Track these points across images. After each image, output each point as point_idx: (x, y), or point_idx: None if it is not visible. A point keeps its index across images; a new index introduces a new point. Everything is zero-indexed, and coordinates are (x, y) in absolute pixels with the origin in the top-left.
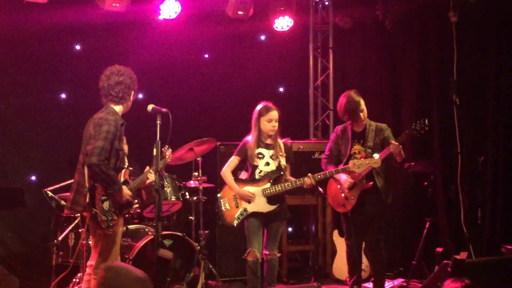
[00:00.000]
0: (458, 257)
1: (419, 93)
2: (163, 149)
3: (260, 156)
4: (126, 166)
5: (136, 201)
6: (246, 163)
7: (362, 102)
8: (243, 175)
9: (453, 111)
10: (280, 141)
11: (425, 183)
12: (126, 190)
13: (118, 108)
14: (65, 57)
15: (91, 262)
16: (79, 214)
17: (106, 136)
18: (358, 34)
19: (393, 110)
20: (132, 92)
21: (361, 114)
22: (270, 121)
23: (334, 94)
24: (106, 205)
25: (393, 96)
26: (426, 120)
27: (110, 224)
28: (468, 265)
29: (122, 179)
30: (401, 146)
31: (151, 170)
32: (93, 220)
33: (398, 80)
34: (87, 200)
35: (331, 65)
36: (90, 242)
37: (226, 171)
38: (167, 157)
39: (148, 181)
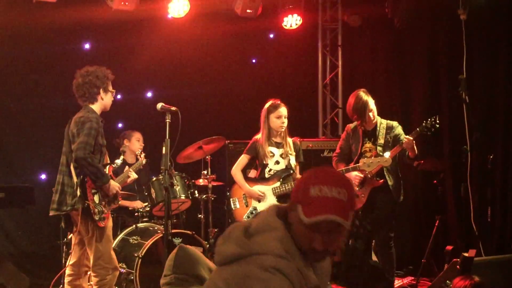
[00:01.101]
0: (467, 254)
1: (428, 91)
2: (137, 153)
3: (270, 154)
4: (109, 163)
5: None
6: (255, 162)
7: (370, 102)
8: (252, 173)
9: (463, 109)
10: (290, 140)
11: (435, 181)
12: (114, 183)
13: (95, 107)
14: (74, 56)
15: (72, 260)
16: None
17: (89, 132)
18: (367, 32)
19: (403, 108)
20: (101, 90)
21: (370, 114)
22: (279, 117)
23: (343, 92)
24: (96, 198)
25: (402, 94)
26: (437, 118)
27: (101, 217)
28: (478, 263)
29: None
30: (414, 141)
31: (131, 169)
32: (85, 214)
33: (407, 78)
34: (78, 194)
35: (340, 63)
36: (72, 242)
37: (236, 170)
38: (141, 160)
39: (129, 180)
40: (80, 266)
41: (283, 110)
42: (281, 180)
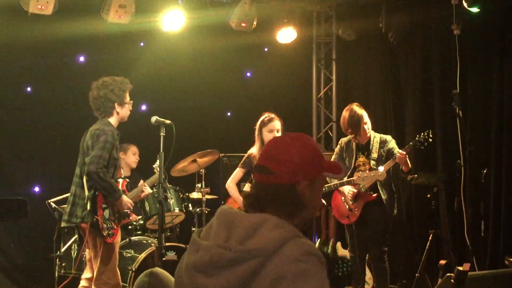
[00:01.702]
0: (461, 268)
1: (422, 105)
2: (154, 166)
3: None
4: (123, 177)
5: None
6: (250, 175)
7: (365, 115)
8: (247, 187)
9: (456, 124)
10: None
11: (428, 196)
12: (126, 198)
13: (111, 120)
14: (69, 68)
15: (87, 275)
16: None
17: (104, 145)
18: (361, 46)
19: (396, 122)
20: (116, 104)
21: (365, 127)
22: (271, 131)
23: (337, 106)
24: (106, 213)
25: (396, 108)
26: (430, 132)
27: (110, 233)
28: (472, 277)
29: (120, 190)
30: (407, 155)
31: (145, 184)
32: (94, 228)
33: (401, 93)
34: (88, 208)
35: (334, 77)
36: (85, 254)
37: (231, 184)
38: (156, 174)
39: (142, 195)
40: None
41: (276, 124)
42: None
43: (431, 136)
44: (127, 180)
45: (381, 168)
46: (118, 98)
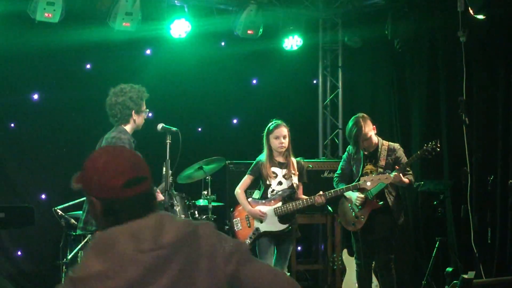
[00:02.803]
0: (466, 276)
1: (428, 112)
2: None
3: (273, 175)
4: None
5: None
6: (259, 182)
7: (368, 127)
8: (256, 194)
9: (462, 131)
10: (294, 160)
11: (435, 203)
12: None
13: (127, 127)
14: (75, 76)
15: None
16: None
17: None
18: (367, 53)
19: (402, 129)
20: (133, 112)
21: (365, 143)
22: (277, 138)
23: (343, 113)
24: None
25: (402, 115)
26: (438, 142)
27: None
28: (478, 285)
29: None
30: (401, 174)
31: (158, 190)
32: None
33: (407, 100)
34: None
35: (340, 84)
36: None
37: (239, 191)
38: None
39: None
40: None
41: (282, 131)
42: (283, 200)
43: (439, 146)
44: None
45: (392, 173)
46: (136, 105)
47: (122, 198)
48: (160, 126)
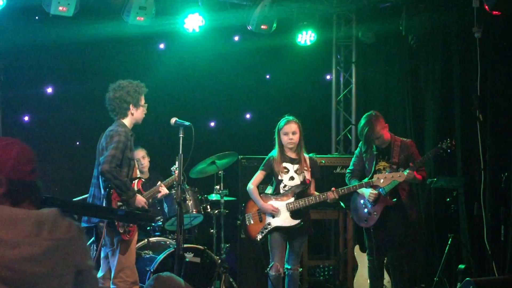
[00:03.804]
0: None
1: (442, 109)
2: (172, 168)
3: (285, 170)
4: (138, 176)
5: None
6: (271, 178)
7: (379, 126)
8: (269, 189)
9: (476, 128)
10: (306, 155)
11: (448, 199)
12: (140, 197)
13: (126, 121)
14: (89, 70)
15: (101, 273)
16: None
17: (117, 145)
18: (381, 49)
19: (416, 126)
20: (131, 105)
21: (377, 141)
22: (286, 134)
23: (356, 109)
24: None
25: (415, 111)
26: (453, 140)
27: (126, 230)
28: (490, 282)
29: (136, 189)
30: (412, 174)
31: (162, 185)
32: (110, 227)
33: (421, 96)
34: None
35: (353, 79)
36: (98, 254)
37: (252, 186)
38: (175, 175)
39: (159, 195)
40: (105, 279)
41: (291, 127)
42: (295, 195)
43: (454, 144)
44: (142, 179)
45: (406, 171)
46: (133, 99)
47: (28, 181)
48: (173, 120)
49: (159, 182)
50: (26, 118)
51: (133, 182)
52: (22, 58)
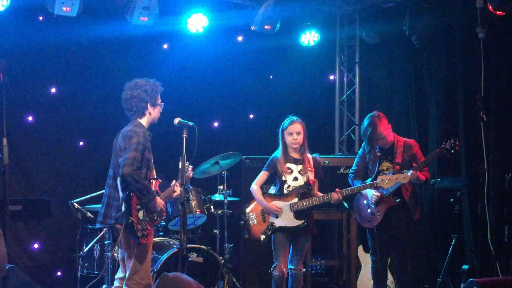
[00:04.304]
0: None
1: (445, 109)
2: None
3: (288, 171)
4: (155, 178)
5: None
6: (275, 178)
7: (381, 126)
8: (272, 189)
9: (480, 128)
10: (310, 156)
11: (451, 200)
12: (160, 200)
13: (143, 121)
14: (93, 70)
15: (121, 275)
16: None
17: (137, 147)
18: (384, 49)
19: (419, 126)
20: (149, 104)
21: (380, 142)
22: (291, 134)
23: (360, 109)
24: (141, 214)
25: (419, 111)
26: (457, 140)
27: (144, 233)
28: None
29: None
30: (415, 175)
31: (177, 184)
32: (128, 230)
33: (424, 96)
34: (123, 209)
35: (357, 80)
36: (115, 255)
37: (255, 186)
38: (188, 174)
39: (175, 194)
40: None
41: (295, 127)
42: (299, 196)
43: (457, 144)
44: (160, 180)
45: (409, 172)
46: (151, 98)
47: None
48: (176, 120)
49: (173, 181)
50: (30, 118)
51: (151, 182)
52: (25, 58)
